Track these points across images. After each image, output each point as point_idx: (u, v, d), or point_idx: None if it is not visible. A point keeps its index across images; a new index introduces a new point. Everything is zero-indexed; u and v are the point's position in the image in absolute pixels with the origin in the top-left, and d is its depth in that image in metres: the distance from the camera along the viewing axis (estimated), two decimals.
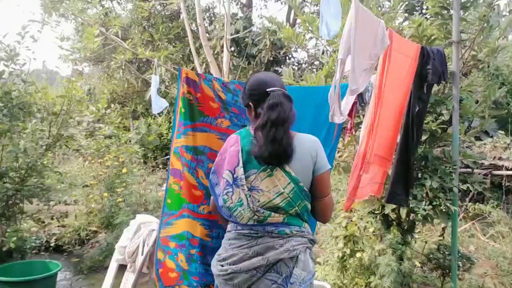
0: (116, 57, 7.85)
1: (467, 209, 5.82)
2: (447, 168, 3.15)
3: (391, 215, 3.50)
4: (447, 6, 3.31)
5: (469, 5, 3.33)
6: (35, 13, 19.61)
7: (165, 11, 10.78)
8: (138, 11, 9.91)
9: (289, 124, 1.71)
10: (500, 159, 6.22)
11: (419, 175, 3.22)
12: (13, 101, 4.16)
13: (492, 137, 6.40)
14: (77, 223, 5.57)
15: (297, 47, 8.40)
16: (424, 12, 4.09)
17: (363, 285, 3.41)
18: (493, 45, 3.35)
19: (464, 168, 3.69)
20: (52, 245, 5.28)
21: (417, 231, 4.09)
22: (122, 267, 3.26)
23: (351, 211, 3.73)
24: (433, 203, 3.11)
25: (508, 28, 3.30)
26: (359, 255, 3.43)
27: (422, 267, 3.90)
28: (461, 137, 3.38)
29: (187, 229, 2.36)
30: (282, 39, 8.68)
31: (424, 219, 3.17)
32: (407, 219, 3.44)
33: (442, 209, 3.10)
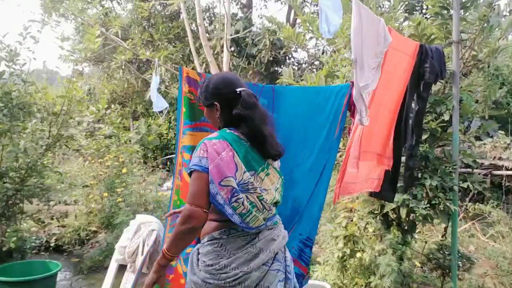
0: (116, 57, 7.85)
1: (467, 209, 5.82)
2: (447, 167, 3.15)
3: (391, 215, 3.50)
4: (447, 6, 3.31)
5: (469, 5, 3.32)
6: (35, 13, 19.58)
7: (165, 11, 10.78)
8: (138, 11, 9.91)
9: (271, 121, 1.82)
10: (500, 159, 6.22)
11: (419, 175, 3.22)
12: (13, 101, 4.16)
13: (492, 137, 6.40)
14: (77, 223, 5.56)
15: (297, 47, 8.40)
16: (424, 12, 4.09)
17: (363, 285, 3.40)
18: (493, 45, 3.35)
19: (464, 168, 3.70)
20: (52, 245, 5.27)
21: (417, 231, 4.09)
22: (122, 267, 3.26)
23: (351, 211, 3.73)
24: (432, 202, 3.11)
25: (509, 28, 3.30)
26: (359, 255, 3.43)
27: (422, 267, 3.90)
28: (461, 137, 3.38)
29: None
30: (282, 39, 8.70)
31: (424, 219, 3.17)
32: (407, 219, 3.43)
33: (442, 209, 3.10)
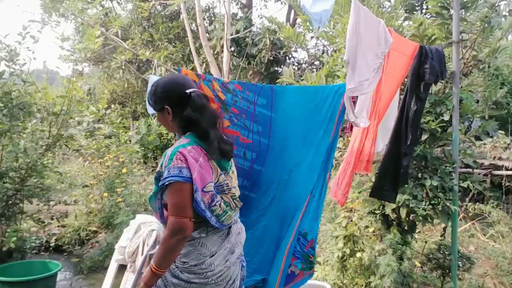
0: (116, 57, 7.85)
1: (467, 209, 5.81)
2: (447, 167, 3.15)
3: (391, 215, 3.50)
4: (447, 6, 3.30)
5: (469, 5, 3.32)
6: (35, 13, 19.59)
7: (165, 11, 10.78)
8: (138, 11, 9.90)
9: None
10: (500, 159, 6.21)
11: (419, 175, 3.21)
12: (13, 101, 4.16)
13: (492, 137, 6.38)
14: (77, 223, 5.56)
15: (297, 46, 8.41)
16: (424, 12, 4.08)
17: (363, 285, 3.40)
18: (494, 45, 3.35)
19: (464, 168, 3.70)
20: (52, 245, 5.27)
21: (417, 231, 4.08)
22: (122, 267, 3.25)
23: (351, 211, 3.73)
24: (432, 202, 3.11)
25: (510, 28, 3.30)
26: (359, 255, 3.42)
27: (422, 267, 3.89)
28: (461, 137, 3.38)
29: None
30: (282, 39, 8.70)
31: (424, 219, 3.17)
32: (407, 219, 3.43)
33: (442, 209, 3.10)
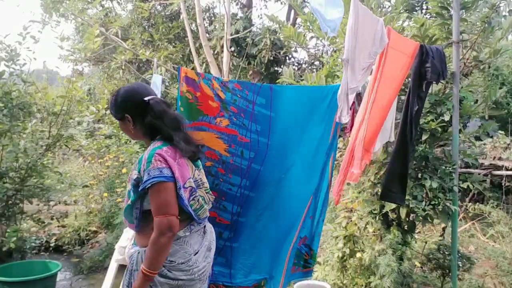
0: (116, 57, 7.84)
1: (467, 209, 5.81)
2: (447, 168, 3.14)
3: (391, 215, 3.50)
4: (447, 6, 3.30)
5: (470, 5, 3.31)
6: (35, 13, 19.63)
7: (165, 11, 10.77)
8: (138, 11, 9.90)
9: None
10: (500, 159, 6.21)
11: (419, 175, 3.21)
12: (13, 101, 4.16)
13: (492, 137, 6.38)
14: (77, 223, 5.56)
15: (298, 46, 8.40)
16: (424, 12, 4.08)
17: (363, 285, 3.40)
18: (495, 45, 3.34)
19: (464, 168, 3.69)
20: (52, 245, 5.27)
21: (417, 231, 4.08)
22: (122, 267, 3.25)
23: (351, 211, 3.72)
24: (432, 202, 3.10)
25: (510, 28, 3.29)
26: (359, 255, 3.42)
27: (422, 267, 3.89)
28: (461, 137, 3.38)
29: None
30: (282, 39, 8.69)
31: (424, 219, 3.17)
32: (407, 219, 3.43)
33: (442, 209, 3.10)
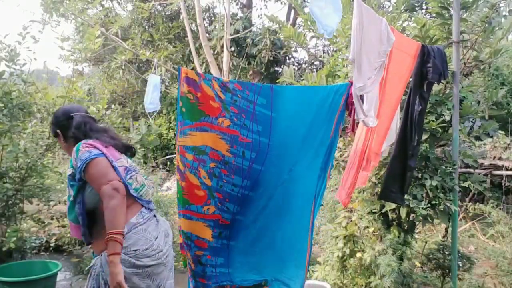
0: (116, 57, 7.84)
1: (467, 209, 5.82)
2: (447, 168, 3.15)
3: (391, 215, 3.50)
4: (447, 6, 3.30)
5: (470, 5, 3.32)
6: (35, 13, 19.61)
7: (165, 11, 10.77)
8: (138, 11, 9.90)
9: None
10: (500, 159, 6.22)
11: (419, 175, 3.21)
12: (13, 101, 4.16)
13: (492, 137, 6.38)
14: None
15: (298, 46, 8.40)
16: (424, 12, 4.08)
17: (363, 285, 3.40)
18: (495, 45, 3.35)
19: (464, 168, 3.69)
20: (52, 245, 5.27)
21: (417, 231, 4.08)
22: None
23: (351, 211, 3.72)
24: (432, 202, 3.11)
25: (510, 28, 3.29)
26: (359, 255, 3.42)
27: (422, 267, 3.90)
28: (461, 137, 3.38)
29: (190, 230, 2.35)
30: (282, 39, 8.69)
31: (424, 219, 3.17)
32: (407, 219, 3.43)
33: (442, 209, 3.10)
